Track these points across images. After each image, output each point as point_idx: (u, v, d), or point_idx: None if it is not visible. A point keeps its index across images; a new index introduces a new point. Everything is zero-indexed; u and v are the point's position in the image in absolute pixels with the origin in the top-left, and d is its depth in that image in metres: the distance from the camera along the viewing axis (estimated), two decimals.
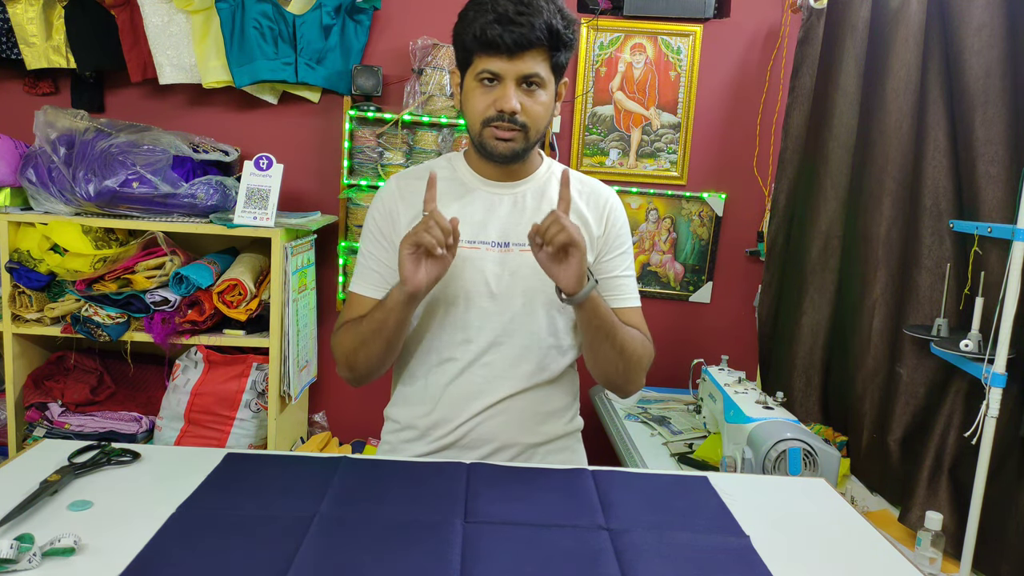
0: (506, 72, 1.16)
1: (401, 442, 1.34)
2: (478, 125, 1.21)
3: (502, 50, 1.14)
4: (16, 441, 2.25)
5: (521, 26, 1.12)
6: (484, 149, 1.23)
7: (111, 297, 2.16)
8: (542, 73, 1.18)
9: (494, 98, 1.18)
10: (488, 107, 1.18)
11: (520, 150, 1.22)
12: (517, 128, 1.19)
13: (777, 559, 0.95)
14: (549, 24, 1.14)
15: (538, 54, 1.17)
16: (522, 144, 1.21)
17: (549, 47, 1.17)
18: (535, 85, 1.18)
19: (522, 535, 0.97)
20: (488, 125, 1.19)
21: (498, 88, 1.18)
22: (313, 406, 2.73)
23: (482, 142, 1.22)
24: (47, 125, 2.18)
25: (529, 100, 1.19)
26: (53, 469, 1.06)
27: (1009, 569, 1.62)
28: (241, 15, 2.36)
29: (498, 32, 1.12)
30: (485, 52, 1.16)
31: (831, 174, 2.18)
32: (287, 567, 0.86)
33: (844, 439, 2.11)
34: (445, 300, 1.26)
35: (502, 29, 1.12)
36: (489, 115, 1.19)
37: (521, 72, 1.16)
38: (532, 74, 1.17)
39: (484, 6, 1.14)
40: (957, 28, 1.81)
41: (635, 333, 1.28)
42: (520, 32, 1.13)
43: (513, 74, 1.16)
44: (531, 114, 1.19)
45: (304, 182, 2.62)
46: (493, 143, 1.20)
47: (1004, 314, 1.59)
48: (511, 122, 1.18)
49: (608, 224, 1.32)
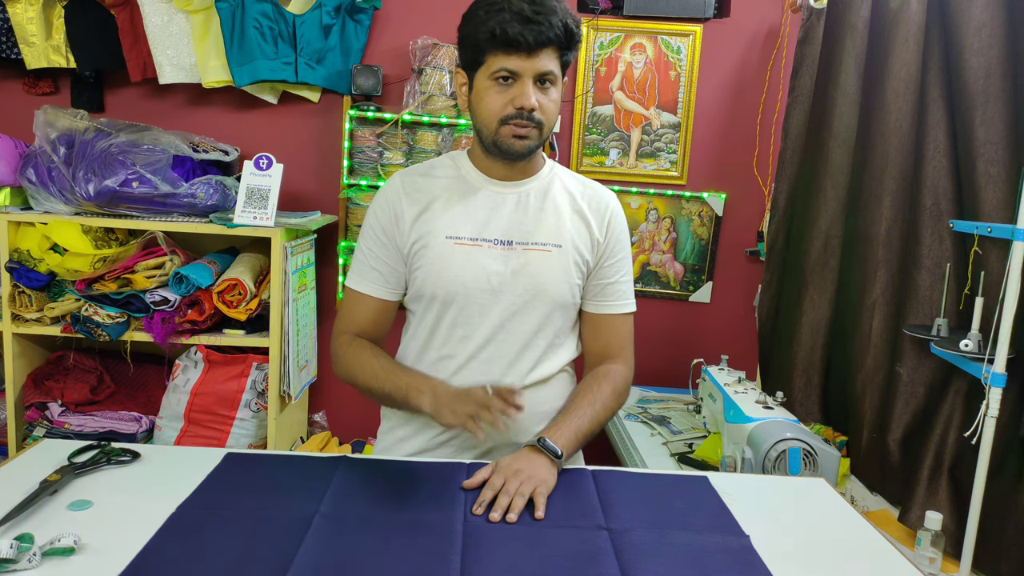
0: (524, 70, 1.17)
1: (396, 440, 1.35)
2: (495, 123, 1.21)
3: (522, 48, 1.15)
4: (16, 441, 2.25)
5: (540, 24, 1.14)
6: (498, 148, 1.23)
7: (111, 297, 2.16)
8: (555, 71, 1.20)
9: (511, 96, 1.19)
10: (506, 105, 1.19)
11: (534, 147, 1.24)
12: (533, 125, 1.20)
13: (777, 559, 0.95)
14: (564, 23, 1.17)
15: (552, 52, 1.19)
16: (536, 141, 1.23)
17: (562, 45, 1.19)
18: (549, 83, 1.20)
19: (522, 535, 0.97)
20: (506, 123, 1.20)
21: (515, 86, 1.19)
22: (313, 406, 2.73)
23: (497, 141, 1.22)
24: (47, 125, 2.18)
25: (544, 98, 1.20)
26: (53, 469, 1.06)
27: (1009, 569, 1.62)
28: (241, 15, 2.36)
29: (519, 31, 1.14)
30: (502, 50, 1.17)
31: (831, 174, 2.18)
32: (287, 567, 0.86)
33: (844, 439, 2.11)
34: (445, 297, 1.27)
35: (522, 27, 1.14)
36: (508, 113, 1.19)
37: (538, 70, 1.18)
38: (548, 72, 1.19)
39: (497, 5, 1.16)
40: (957, 28, 1.81)
41: (602, 393, 1.30)
42: (539, 30, 1.14)
43: (531, 72, 1.18)
44: (546, 111, 1.21)
45: (304, 182, 2.62)
46: (510, 141, 1.21)
47: (1004, 314, 1.59)
48: (529, 119, 1.19)
49: (609, 230, 1.33)
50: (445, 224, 1.27)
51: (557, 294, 1.28)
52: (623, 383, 1.34)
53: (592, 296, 1.34)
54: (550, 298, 1.27)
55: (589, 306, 1.35)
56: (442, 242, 1.26)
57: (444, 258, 1.26)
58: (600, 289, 1.33)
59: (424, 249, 1.27)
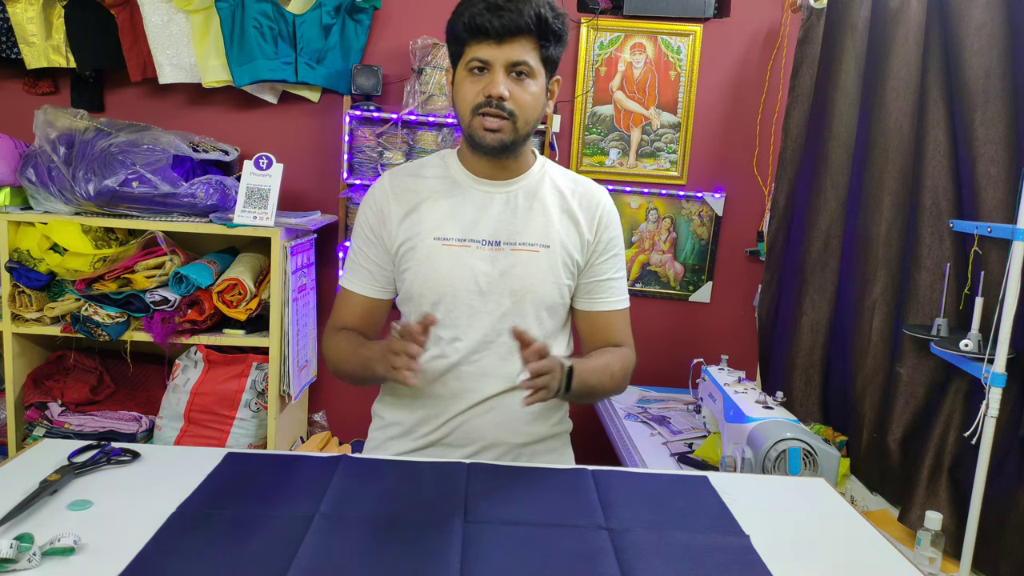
0: (495, 58, 1.17)
1: (387, 439, 1.35)
2: (468, 114, 1.21)
3: (491, 35, 1.16)
4: (16, 441, 2.26)
5: (510, 12, 1.15)
6: (473, 140, 1.23)
7: (111, 296, 2.16)
8: (531, 62, 1.19)
9: (483, 85, 1.19)
10: (477, 94, 1.19)
11: (508, 142, 1.22)
12: (505, 116, 1.19)
13: (777, 559, 0.95)
14: (537, 12, 1.16)
15: (527, 42, 1.18)
16: (511, 135, 1.21)
17: (537, 35, 1.18)
18: (524, 74, 1.19)
19: (522, 535, 0.97)
20: (477, 113, 1.20)
21: (487, 76, 1.19)
22: (313, 406, 2.73)
23: (471, 133, 1.22)
24: (47, 124, 2.18)
25: (518, 88, 1.19)
26: (53, 469, 1.06)
27: (1008, 569, 1.62)
28: (241, 14, 2.36)
29: (487, 18, 1.15)
30: (475, 39, 1.18)
31: (831, 174, 2.18)
32: (287, 567, 0.86)
33: (844, 439, 2.11)
34: (434, 298, 1.27)
35: (491, 15, 1.15)
36: (478, 102, 1.19)
37: (509, 59, 1.17)
38: (520, 62, 1.18)
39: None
40: (957, 28, 1.81)
41: (615, 359, 1.30)
42: (509, 17, 1.15)
43: (502, 60, 1.17)
44: (519, 102, 1.20)
45: (304, 182, 2.62)
46: (481, 134, 1.21)
47: (1004, 314, 1.59)
48: (499, 108, 1.18)
49: (600, 228, 1.32)
50: (433, 225, 1.27)
51: (545, 295, 1.28)
52: (631, 360, 1.35)
53: (585, 294, 1.34)
54: (538, 299, 1.27)
55: (583, 303, 1.35)
56: (430, 243, 1.26)
57: (432, 259, 1.26)
58: (593, 287, 1.33)
59: (412, 251, 1.27)
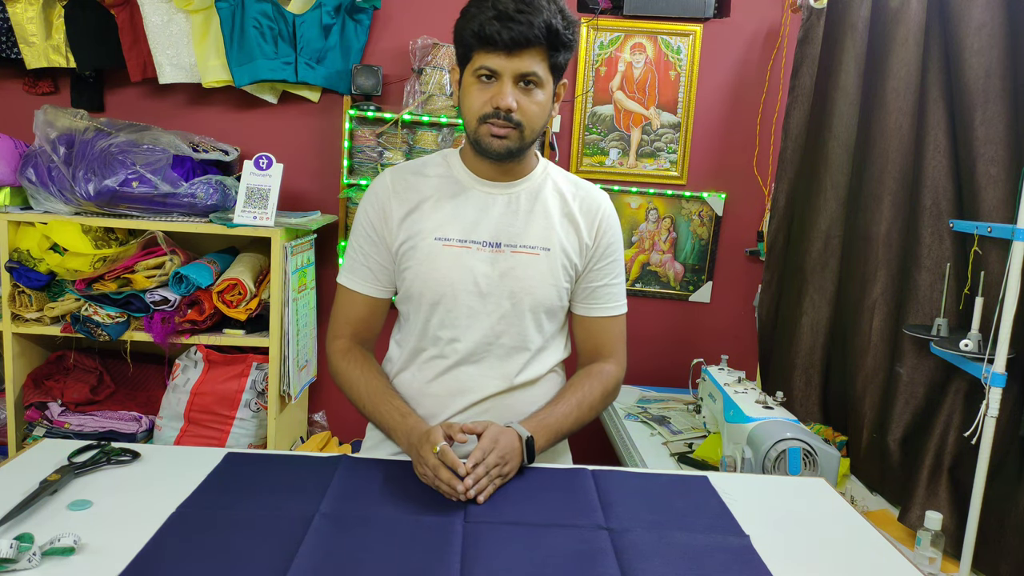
0: (504, 69, 1.16)
1: (384, 437, 1.34)
2: (474, 121, 1.21)
3: (500, 47, 1.14)
4: (16, 441, 2.25)
5: (520, 24, 1.12)
6: (479, 146, 1.23)
7: (111, 296, 2.16)
8: (540, 72, 1.18)
9: (491, 95, 1.18)
10: (485, 104, 1.18)
11: (515, 148, 1.22)
12: (512, 126, 1.19)
13: (777, 559, 0.95)
14: (549, 23, 1.14)
15: (536, 53, 1.17)
16: (517, 143, 1.21)
17: (548, 46, 1.17)
18: (532, 84, 1.18)
19: (522, 535, 0.97)
20: (484, 122, 1.19)
21: (495, 85, 1.18)
22: (313, 406, 2.73)
23: (477, 139, 1.22)
24: (47, 124, 2.18)
25: (526, 99, 1.19)
26: (53, 469, 1.06)
27: (1008, 569, 1.62)
28: (241, 14, 2.36)
29: (496, 28, 1.13)
30: (483, 48, 1.16)
31: (831, 174, 2.18)
32: (287, 566, 0.86)
33: (844, 439, 2.11)
34: (433, 298, 1.27)
35: (500, 26, 1.13)
36: (485, 112, 1.19)
37: (519, 70, 1.16)
38: (529, 73, 1.17)
39: (485, 3, 1.15)
40: (957, 28, 1.81)
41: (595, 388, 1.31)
42: (519, 30, 1.13)
43: (511, 72, 1.16)
44: (527, 113, 1.19)
45: (304, 182, 2.62)
46: (488, 140, 1.20)
47: (1004, 314, 1.59)
48: (506, 119, 1.18)
49: (599, 234, 1.32)
50: (434, 225, 1.27)
51: (544, 297, 1.27)
52: (613, 384, 1.35)
53: (582, 299, 1.34)
54: (537, 302, 1.27)
55: (580, 309, 1.35)
56: (430, 243, 1.26)
57: (432, 259, 1.26)
58: (590, 292, 1.33)
59: (412, 250, 1.27)
